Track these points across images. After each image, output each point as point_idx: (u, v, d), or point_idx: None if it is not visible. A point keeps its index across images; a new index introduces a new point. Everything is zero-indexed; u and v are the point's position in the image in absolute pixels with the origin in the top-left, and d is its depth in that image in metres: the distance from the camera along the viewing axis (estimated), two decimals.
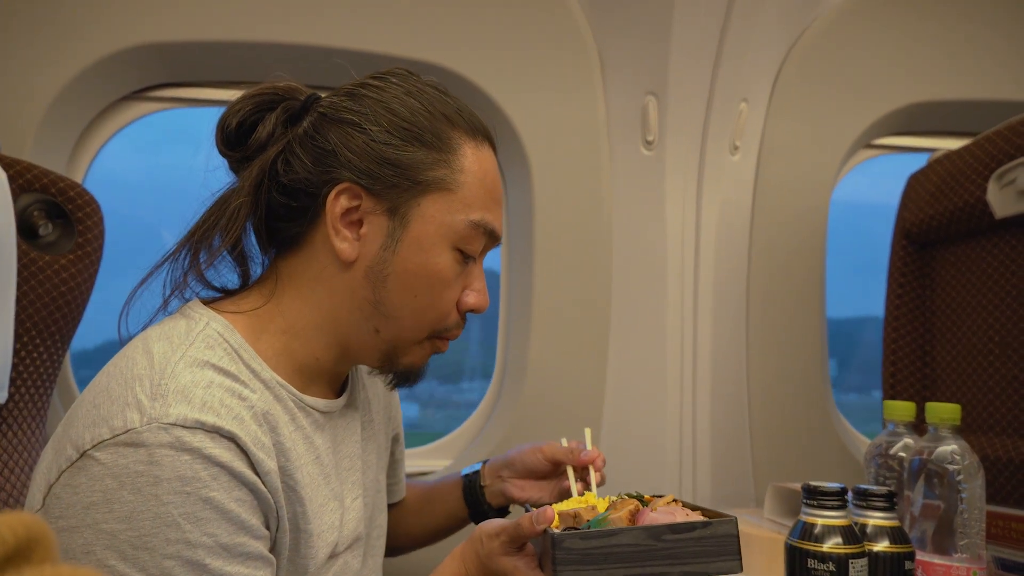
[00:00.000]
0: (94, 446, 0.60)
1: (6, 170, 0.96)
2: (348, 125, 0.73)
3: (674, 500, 0.79)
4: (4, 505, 0.93)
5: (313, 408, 0.76)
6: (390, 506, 1.03)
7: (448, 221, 0.74)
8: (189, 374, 0.64)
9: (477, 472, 0.99)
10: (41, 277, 0.99)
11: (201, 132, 1.38)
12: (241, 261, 0.78)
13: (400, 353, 0.78)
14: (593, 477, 0.89)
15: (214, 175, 0.78)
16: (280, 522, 0.68)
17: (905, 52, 1.46)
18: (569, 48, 1.35)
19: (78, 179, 1.30)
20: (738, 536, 0.69)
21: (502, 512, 0.99)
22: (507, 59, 1.33)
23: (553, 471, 0.95)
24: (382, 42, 1.28)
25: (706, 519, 0.70)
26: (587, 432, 0.94)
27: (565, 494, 0.91)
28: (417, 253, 0.73)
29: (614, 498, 0.84)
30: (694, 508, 0.77)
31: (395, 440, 1.01)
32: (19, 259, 0.96)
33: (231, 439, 0.62)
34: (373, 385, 0.93)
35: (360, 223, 0.74)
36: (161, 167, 1.48)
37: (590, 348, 1.38)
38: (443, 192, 0.74)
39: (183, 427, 0.60)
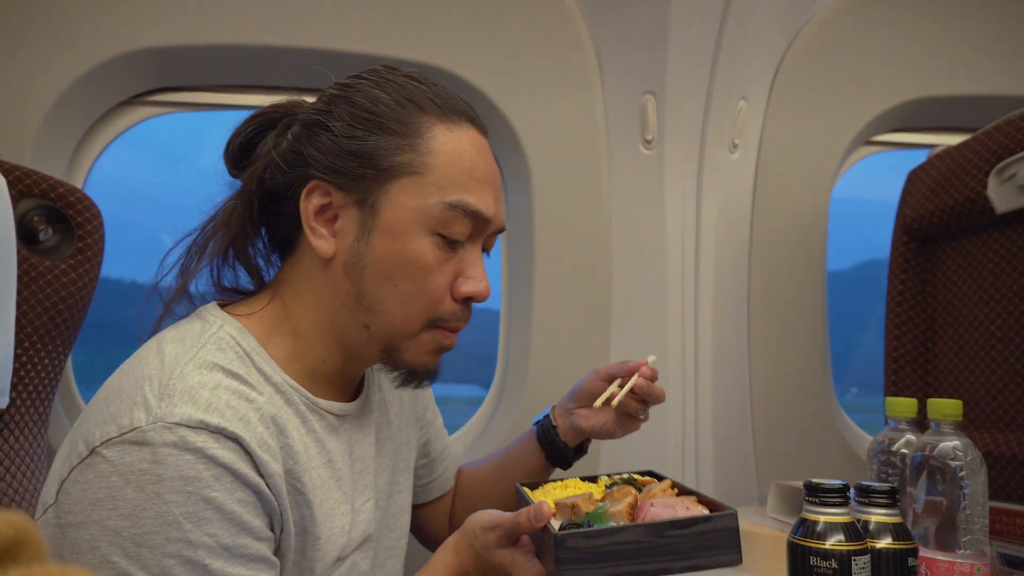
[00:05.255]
0: (102, 443, 0.61)
1: (5, 176, 0.96)
2: (315, 126, 0.75)
3: (672, 487, 0.80)
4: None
5: (327, 411, 0.76)
6: (438, 499, 1.05)
7: (420, 205, 0.72)
8: (197, 376, 0.65)
9: (547, 416, 1.01)
10: (41, 283, 0.99)
11: (200, 137, 1.39)
12: (254, 270, 0.81)
13: (399, 349, 0.76)
14: (633, 381, 0.89)
15: (214, 182, 0.81)
16: (285, 525, 0.68)
17: (903, 48, 1.46)
18: (567, 48, 1.34)
19: (78, 184, 1.31)
20: (738, 529, 0.70)
21: (580, 452, 1.01)
22: (505, 60, 1.33)
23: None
24: (380, 45, 1.29)
25: (707, 514, 0.70)
26: (651, 358, 0.95)
27: (625, 419, 0.93)
28: (391, 241, 0.72)
29: (607, 481, 0.85)
30: (690, 493, 0.78)
31: (428, 441, 1.01)
32: (19, 265, 0.96)
33: (235, 440, 0.63)
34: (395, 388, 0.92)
35: (335, 219, 0.74)
36: (161, 171, 1.48)
37: (591, 347, 1.38)
38: (411, 176, 0.72)
39: (187, 427, 0.61)
